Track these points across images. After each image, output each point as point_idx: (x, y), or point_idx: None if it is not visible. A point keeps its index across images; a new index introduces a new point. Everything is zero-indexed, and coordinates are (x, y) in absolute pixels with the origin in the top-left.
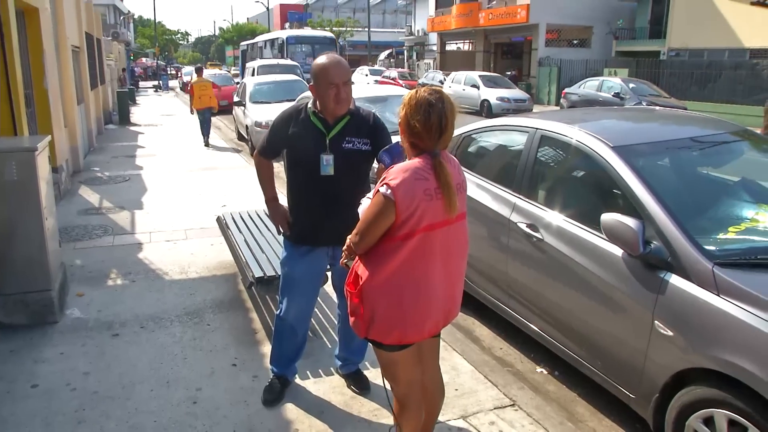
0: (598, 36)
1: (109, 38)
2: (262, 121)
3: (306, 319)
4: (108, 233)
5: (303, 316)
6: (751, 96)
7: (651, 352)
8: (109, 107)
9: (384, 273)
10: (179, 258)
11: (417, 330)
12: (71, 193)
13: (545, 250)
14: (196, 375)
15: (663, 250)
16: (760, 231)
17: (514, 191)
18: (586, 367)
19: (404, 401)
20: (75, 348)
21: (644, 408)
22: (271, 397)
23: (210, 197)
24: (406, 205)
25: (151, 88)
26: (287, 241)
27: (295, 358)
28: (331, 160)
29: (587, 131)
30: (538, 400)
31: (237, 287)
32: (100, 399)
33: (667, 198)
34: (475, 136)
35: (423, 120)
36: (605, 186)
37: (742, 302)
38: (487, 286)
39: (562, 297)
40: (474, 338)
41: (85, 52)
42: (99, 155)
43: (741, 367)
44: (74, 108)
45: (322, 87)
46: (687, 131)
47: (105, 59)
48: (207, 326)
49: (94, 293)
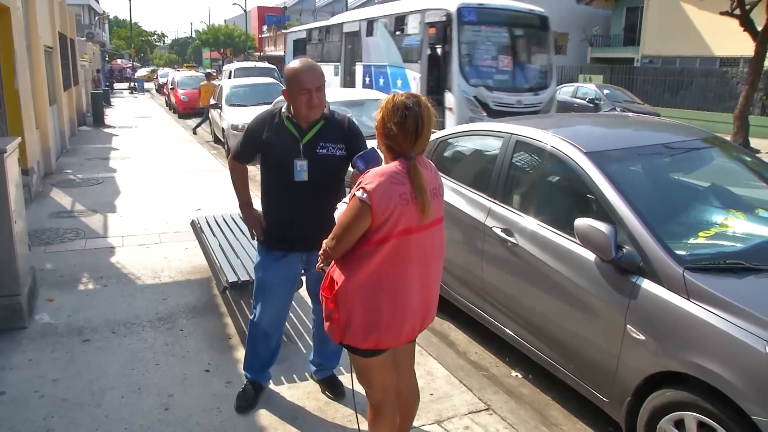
0: (574, 42)
1: (84, 39)
2: (238, 124)
3: (280, 325)
4: (80, 237)
5: (277, 321)
6: (721, 103)
7: (623, 355)
8: (82, 108)
9: (359, 277)
10: (152, 262)
11: (393, 335)
12: (42, 195)
13: (520, 254)
14: (168, 381)
15: (635, 254)
16: (729, 236)
17: (489, 196)
18: (560, 371)
19: (379, 407)
20: (44, 354)
21: (617, 411)
22: (245, 403)
23: (185, 201)
24: (382, 209)
25: (127, 89)
26: (261, 245)
27: (269, 364)
28: (305, 165)
29: (561, 137)
30: (513, 404)
31: (211, 292)
32: (69, 406)
33: (639, 203)
34: (451, 140)
35: (399, 123)
36: (579, 191)
37: (711, 306)
38: (462, 290)
39: (537, 301)
40: (449, 342)
41: (59, 52)
42: (72, 157)
43: (710, 370)
44: (46, 109)
45: (295, 92)
46: (659, 137)
47: (79, 60)
48: (180, 331)
49: (64, 298)
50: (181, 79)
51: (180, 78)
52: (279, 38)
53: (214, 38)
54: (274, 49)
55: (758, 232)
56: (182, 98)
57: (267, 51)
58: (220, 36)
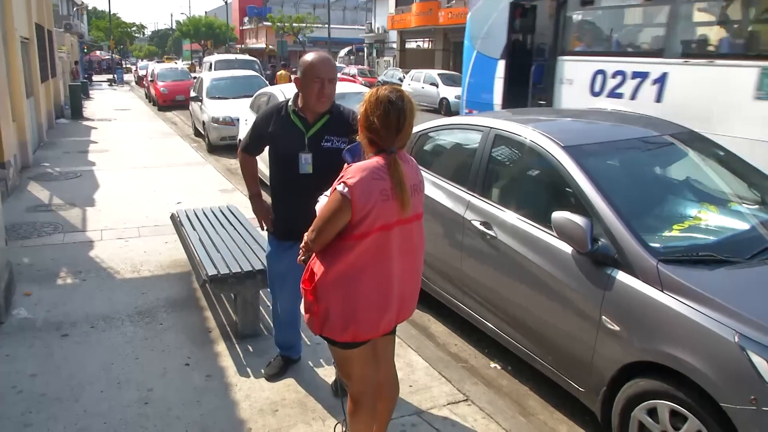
0: None
1: (62, 30)
2: (219, 116)
3: (297, 309)
4: (58, 231)
5: (293, 307)
6: None
7: (599, 346)
8: (60, 101)
9: (338, 271)
10: (132, 256)
11: (371, 328)
12: (19, 189)
13: (498, 247)
14: (147, 375)
15: (610, 247)
16: (703, 229)
17: (468, 189)
18: (538, 362)
19: (358, 398)
20: (22, 349)
21: (593, 401)
22: (273, 371)
23: (165, 194)
24: (362, 204)
25: (106, 81)
26: (271, 236)
27: (296, 342)
28: (309, 158)
29: (540, 131)
30: (491, 395)
31: (191, 286)
32: (47, 401)
33: (615, 197)
34: (431, 134)
35: (382, 116)
36: (557, 185)
37: (684, 298)
38: (442, 283)
39: (515, 294)
40: (429, 335)
41: (36, 43)
42: (50, 150)
43: (682, 360)
44: (23, 101)
45: (308, 81)
46: (636, 132)
47: (57, 51)
48: (159, 326)
49: (42, 293)
50: (160, 71)
51: (160, 70)
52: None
53: (194, 30)
54: (256, 41)
55: (730, 225)
56: (162, 90)
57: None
58: (201, 27)
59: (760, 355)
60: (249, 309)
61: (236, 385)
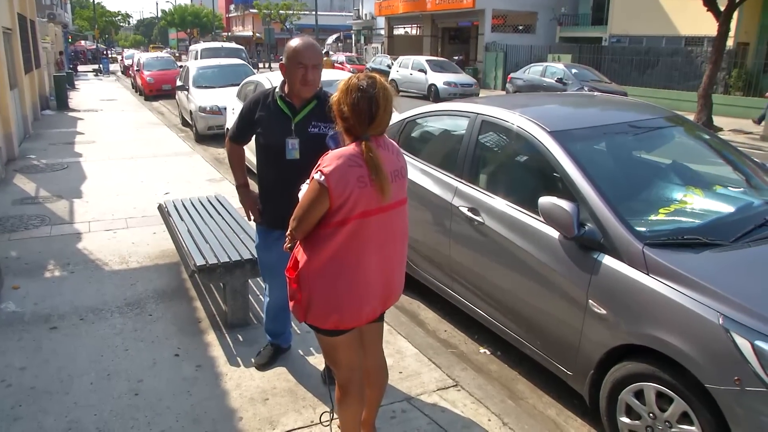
0: (543, 22)
1: (45, 20)
2: (206, 106)
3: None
4: (45, 223)
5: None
6: (686, 82)
7: (586, 330)
8: (45, 92)
9: (320, 259)
10: (120, 247)
11: (354, 315)
12: (5, 182)
13: (486, 233)
14: (137, 366)
15: (596, 231)
16: (688, 212)
17: (456, 176)
18: (527, 347)
19: (346, 385)
20: (10, 343)
21: (581, 384)
22: (263, 361)
23: (152, 185)
24: (340, 191)
25: (91, 72)
26: (259, 227)
27: (286, 330)
28: (296, 144)
29: (527, 116)
30: (481, 380)
31: (180, 276)
32: (37, 394)
33: (601, 181)
34: (419, 120)
35: (352, 105)
36: (543, 170)
37: (669, 281)
38: (430, 269)
39: (503, 279)
40: (419, 321)
41: (18, 34)
42: (35, 142)
43: (668, 342)
44: (7, 93)
45: (292, 67)
46: (623, 116)
47: (40, 42)
48: (149, 316)
49: (30, 285)
50: (147, 60)
51: (146, 60)
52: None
53: (180, 18)
54: (242, 28)
55: (715, 209)
56: (148, 80)
57: (235, 31)
58: (186, 16)
59: (743, 336)
60: (238, 298)
61: (226, 374)
